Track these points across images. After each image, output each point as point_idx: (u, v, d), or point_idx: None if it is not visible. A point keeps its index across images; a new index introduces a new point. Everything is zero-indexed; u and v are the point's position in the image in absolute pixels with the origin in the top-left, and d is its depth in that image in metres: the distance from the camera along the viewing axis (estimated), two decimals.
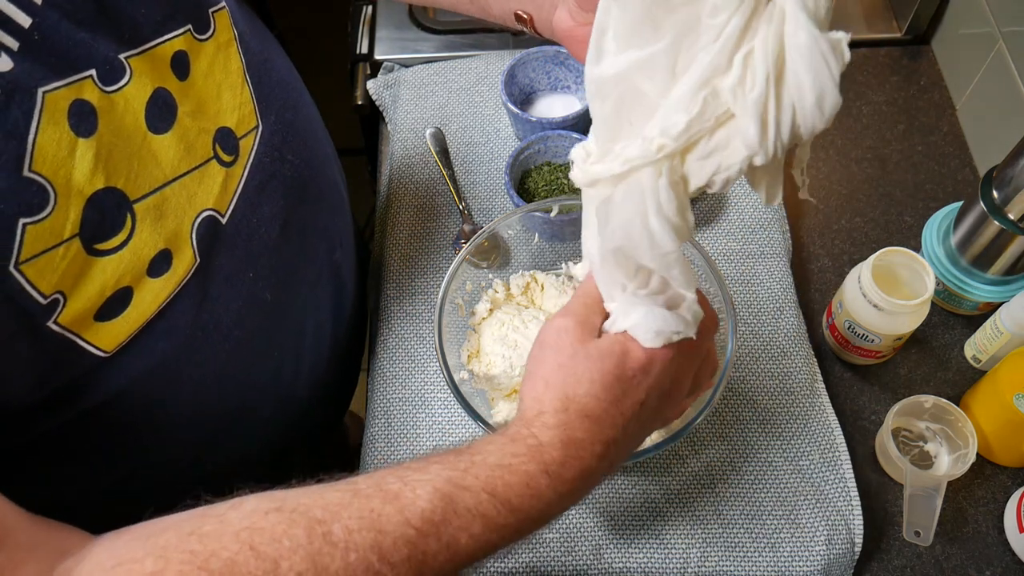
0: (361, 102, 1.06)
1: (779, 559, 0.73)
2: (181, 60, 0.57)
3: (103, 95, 0.51)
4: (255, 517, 0.44)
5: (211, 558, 0.42)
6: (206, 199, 0.58)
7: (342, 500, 0.46)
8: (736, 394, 0.81)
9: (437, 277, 0.88)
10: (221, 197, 0.59)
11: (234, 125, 0.61)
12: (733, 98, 0.41)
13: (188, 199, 0.56)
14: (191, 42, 0.58)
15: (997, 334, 0.80)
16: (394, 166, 0.97)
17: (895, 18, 1.10)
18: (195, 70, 0.58)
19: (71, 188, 0.48)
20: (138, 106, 0.53)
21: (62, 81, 0.48)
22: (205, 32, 0.59)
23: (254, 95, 0.63)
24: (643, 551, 0.73)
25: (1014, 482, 0.79)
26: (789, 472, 0.77)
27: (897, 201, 0.96)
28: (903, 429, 0.82)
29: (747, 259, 0.89)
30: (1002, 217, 0.77)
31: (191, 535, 0.43)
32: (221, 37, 0.60)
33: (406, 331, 0.85)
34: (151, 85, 0.54)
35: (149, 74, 0.54)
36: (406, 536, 0.45)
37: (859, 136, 1.02)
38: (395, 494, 0.46)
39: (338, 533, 0.44)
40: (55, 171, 0.47)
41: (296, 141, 0.68)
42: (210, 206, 0.58)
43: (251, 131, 0.62)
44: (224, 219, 0.59)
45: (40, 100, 0.46)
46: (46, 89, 0.47)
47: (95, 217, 0.50)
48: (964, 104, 1.02)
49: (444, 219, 0.92)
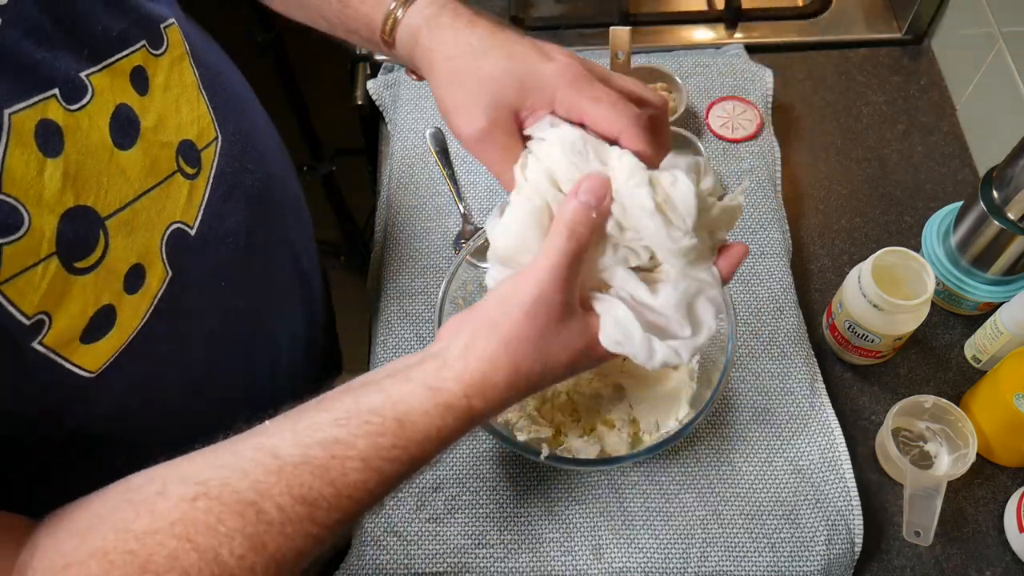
0: (361, 102, 1.06)
1: (779, 559, 0.73)
2: (140, 75, 0.58)
3: (68, 114, 0.51)
4: (184, 507, 0.45)
5: (151, 557, 0.43)
6: (173, 212, 0.58)
7: (267, 476, 0.47)
8: (736, 394, 0.81)
9: (437, 277, 0.88)
10: (187, 209, 0.60)
11: (195, 137, 0.61)
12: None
13: (157, 213, 0.57)
14: (147, 57, 0.59)
15: (997, 334, 0.80)
16: (394, 166, 0.97)
17: (895, 18, 1.10)
18: (154, 84, 0.59)
19: (42, 207, 0.48)
20: (102, 123, 0.53)
21: (27, 101, 0.48)
22: (159, 47, 0.60)
23: (210, 107, 0.64)
24: (643, 551, 0.73)
25: (1014, 482, 0.79)
26: (789, 472, 0.77)
27: (897, 201, 0.96)
28: (903, 429, 0.82)
29: (747, 259, 0.89)
30: (1002, 217, 0.78)
31: (127, 533, 0.44)
32: (174, 52, 0.62)
33: (406, 331, 0.85)
34: (113, 102, 0.54)
35: (110, 91, 0.54)
36: (339, 505, 0.48)
37: (859, 136, 1.02)
38: (324, 468, 0.48)
39: (271, 512, 0.46)
40: (25, 192, 0.47)
41: (254, 152, 0.69)
42: (177, 219, 0.59)
43: (211, 143, 0.63)
44: (192, 231, 0.60)
45: (7, 122, 0.47)
46: (12, 110, 0.47)
47: (70, 235, 0.50)
48: (964, 104, 1.02)
49: (444, 219, 0.93)
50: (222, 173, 0.63)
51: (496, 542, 0.74)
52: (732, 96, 1.00)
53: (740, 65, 1.03)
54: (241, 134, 0.67)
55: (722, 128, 0.98)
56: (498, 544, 0.74)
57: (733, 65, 1.03)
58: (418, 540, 0.74)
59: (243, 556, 0.45)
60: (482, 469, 0.77)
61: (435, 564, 0.73)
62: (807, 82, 1.06)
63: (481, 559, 0.73)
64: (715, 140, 0.97)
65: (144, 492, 0.47)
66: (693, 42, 1.11)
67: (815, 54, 1.09)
